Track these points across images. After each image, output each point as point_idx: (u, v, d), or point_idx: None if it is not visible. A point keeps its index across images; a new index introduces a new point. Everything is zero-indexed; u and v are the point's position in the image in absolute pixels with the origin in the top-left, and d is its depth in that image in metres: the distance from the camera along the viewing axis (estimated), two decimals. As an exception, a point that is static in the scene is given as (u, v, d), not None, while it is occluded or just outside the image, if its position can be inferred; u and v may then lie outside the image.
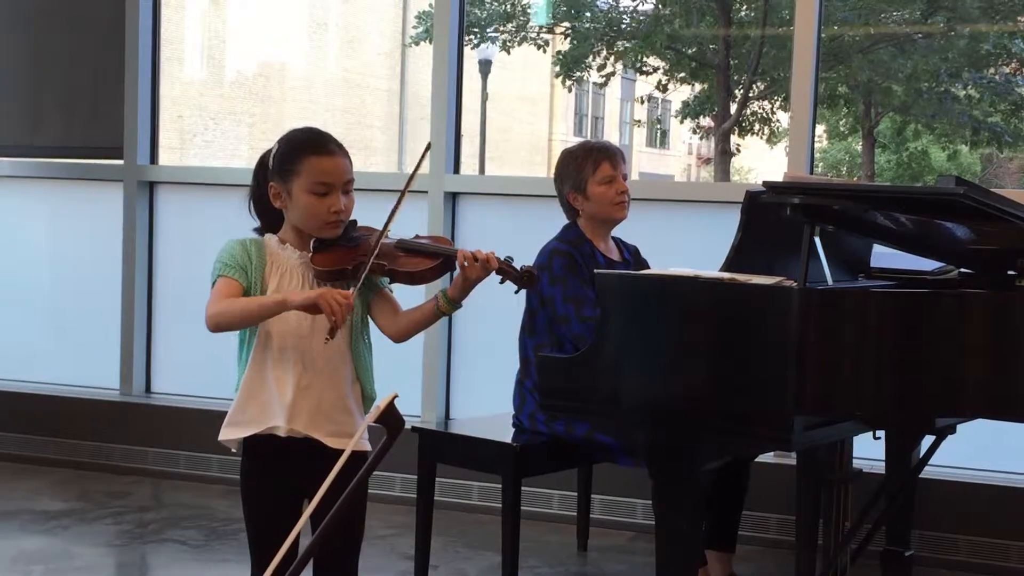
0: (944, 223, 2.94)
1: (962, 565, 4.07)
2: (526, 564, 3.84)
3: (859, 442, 3.40)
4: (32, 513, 4.52)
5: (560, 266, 3.59)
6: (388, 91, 18.78)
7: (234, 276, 2.52)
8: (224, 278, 2.53)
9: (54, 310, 5.52)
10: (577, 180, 3.68)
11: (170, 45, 5.23)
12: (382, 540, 4.19)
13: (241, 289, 2.52)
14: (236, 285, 2.52)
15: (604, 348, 2.96)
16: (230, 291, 2.51)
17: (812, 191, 2.77)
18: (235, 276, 2.52)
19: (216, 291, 2.52)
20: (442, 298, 2.58)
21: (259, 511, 2.61)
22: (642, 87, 18.17)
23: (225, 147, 16.85)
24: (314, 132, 2.62)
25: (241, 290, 2.52)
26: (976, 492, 4.11)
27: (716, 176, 15.96)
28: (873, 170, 15.95)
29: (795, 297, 2.67)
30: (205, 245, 2.90)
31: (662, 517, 2.98)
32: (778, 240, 3.07)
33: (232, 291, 2.51)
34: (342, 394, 2.58)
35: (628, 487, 4.35)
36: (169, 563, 4.06)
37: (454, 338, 4.87)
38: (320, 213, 2.55)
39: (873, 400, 2.71)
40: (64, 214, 5.52)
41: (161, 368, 5.36)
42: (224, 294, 2.51)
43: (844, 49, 14.21)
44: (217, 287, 2.53)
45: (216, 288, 2.53)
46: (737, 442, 2.88)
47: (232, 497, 4.10)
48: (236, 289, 2.52)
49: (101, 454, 5.18)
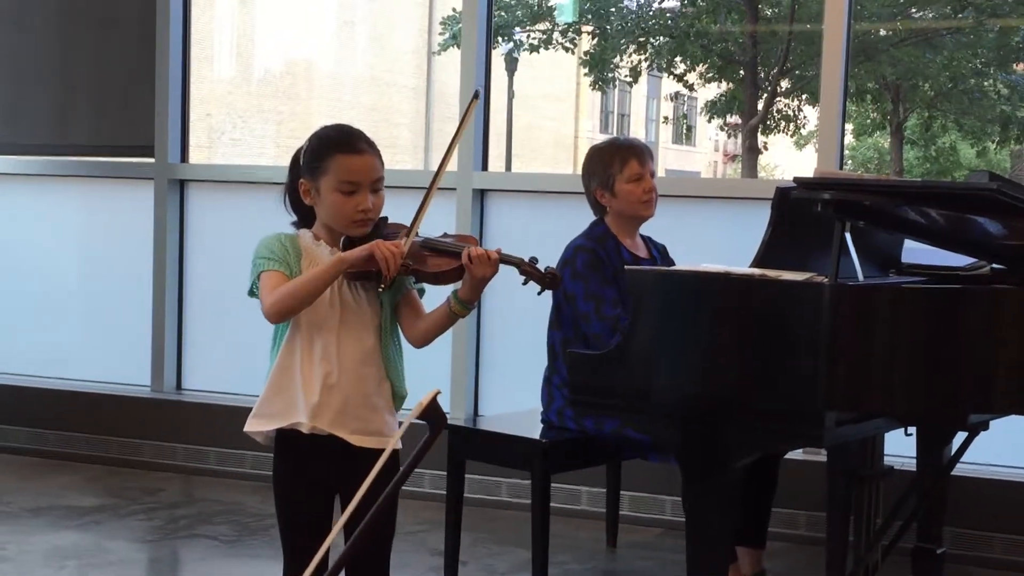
0: (976, 218, 2.92)
1: (996, 563, 4.05)
2: (555, 560, 3.84)
3: (890, 439, 3.39)
4: (65, 509, 4.56)
5: (583, 263, 3.60)
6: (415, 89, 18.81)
7: (278, 268, 2.53)
8: (269, 272, 2.53)
9: (85, 308, 5.56)
10: (605, 177, 3.68)
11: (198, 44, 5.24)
12: (412, 536, 4.20)
13: (287, 280, 2.53)
14: (282, 276, 2.52)
15: (634, 344, 2.96)
16: (279, 282, 2.52)
17: (843, 187, 2.76)
18: (279, 268, 2.53)
19: (266, 285, 2.52)
20: (454, 299, 2.56)
21: (290, 505, 2.62)
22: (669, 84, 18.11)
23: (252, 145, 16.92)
24: (344, 130, 2.62)
25: (287, 281, 2.53)
26: (1010, 489, 4.08)
27: (744, 173, 15.90)
28: (902, 166, 15.86)
29: (826, 293, 2.67)
30: (236, 243, 2.92)
31: (692, 513, 2.98)
32: (808, 236, 3.06)
33: (281, 282, 2.52)
34: (369, 392, 2.58)
35: (657, 483, 4.35)
36: (201, 559, 4.09)
37: (482, 335, 4.88)
38: (347, 211, 2.54)
39: (905, 396, 2.70)
40: (95, 212, 5.55)
41: (192, 365, 5.39)
42: (274, 285, 2.52)
43: (872, 45, 14.13)
44: (265, 281, 2.53)
45: (265, 282, 2.53)
46: (768, 438, 2.88)
47: (263, 493, 4.13)
48: (283, 280, 2.52)
49: (132, 451, 5.22)
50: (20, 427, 5.39)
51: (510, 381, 4.80)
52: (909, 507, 3.52)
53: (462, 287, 2.55)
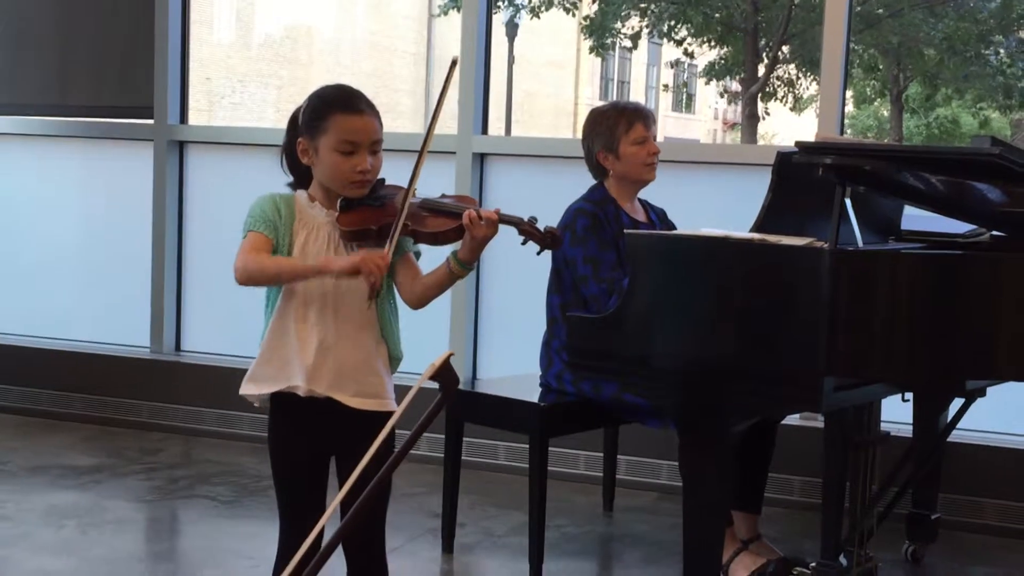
0: (977, 185, 2.92)
1: (988, 528, 4.07)
2: (552, 523, 3.86)
3: (886, 405, 3.40)
4: (63, 468, 4.57)
5: (583, 227, 3.59)
6: (415, 55, 18.75)
7: (264, 231, 2.52)
8: (254, 233, 2.53)
9: (85, 269, 5.56)
10: (609, 139, 3.67)
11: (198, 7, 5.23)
12: (410, 499, 4.22)
13: (270, 244, 2.52)
14: (265, 240, 2.52)
15: (633, 308, 2.96)
16: (260, 245, 2.52)
17: (844, 151, 2.76)
18: (265, 231, 2.52)
19: (247, 244, 2.52)
20: (453, 260, 2.55)
21: (286, 466, 2.62)
22: (669, 51, 18.06)
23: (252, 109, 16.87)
24: (344, 89, 2.60)
25: (270, 245, 2.52)
26: (1004, 456, 4.10)
27: (743, 140, 15.87)
28: (901, 135, 15.84)
29: (826, 258, 2.67)
30: (235, 204, 2.91)
31: (690, 478, 3.00)
32: (809, 201, 3.06)
33: (261, 246, 2.52)
34: (366, 355, 2.57)
35: (654, 448, 4.37)
36: (200, 519, 4.11)
37: (481, 298, 4.88)
38: (345, 172, 2.52)
39: (904, 362, 2.70)
40: (94, 173, 5.54)
41: (191, 326, 5.40)
42: (255, 248, 2.51)
43: (873, 13, 14.08)
44: (247, 240, 2.53)
45: (246, 241, 2.53)
46: (766, 403, 2.89)
47: (261, 454, 4.13)
48: (265, 244, 2.52)
49: (131, 411, 5.23)
50: (19, 387, 5.40)
51: (509, 344, 4.81)
52: (905, 473, 3.53)
53: (461, 248, 2.54)
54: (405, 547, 3.78)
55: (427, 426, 1.91)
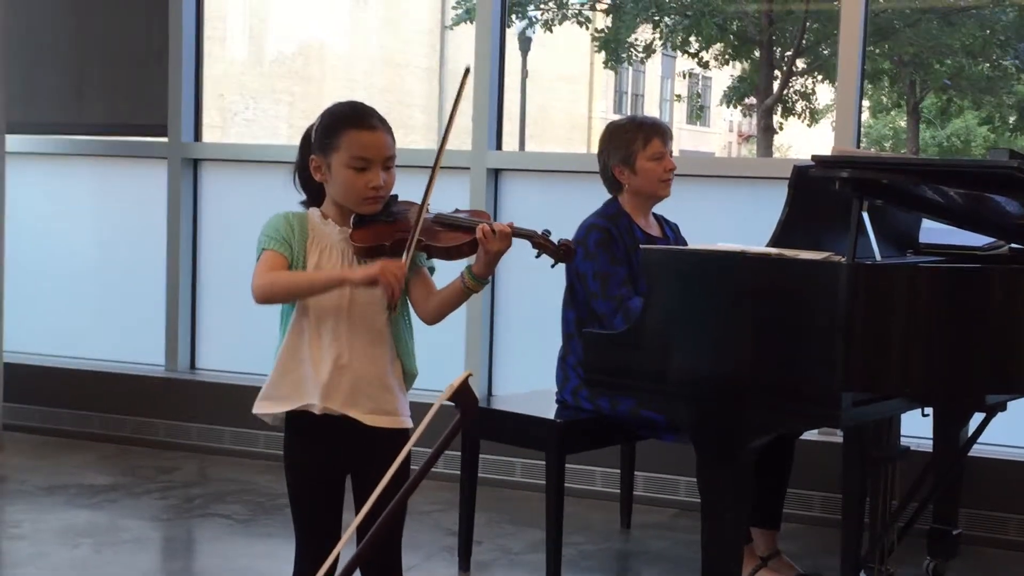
0: (995, 197, 2.89)
1: (1011, 544, 4.03)
2: (570, 541, 3.84)
3: (906, 419, 3.37)
4: (79, 487, 4.57)
5: (595, 242, 3.58)
6: (428, 70, 18.77)
7: (279, 249, 2.52)
8: (269, 251, 2.53)
9: (99, 287, 5.57)
10: (626, 154, 3.66)
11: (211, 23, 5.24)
12: (426, 516, 4.20)
13: (285, 262, 2.52)
14: (281, 258, 2.52)
15: (650, 323, 2.94)
16: (276, 264, 2.51)
17: (861, 165, 2.74)
18: (280, 249, 2.52)
19: (262, 263, 2.52)
20: (467, 275, 2.54)
21: (302, 485, 2.62)
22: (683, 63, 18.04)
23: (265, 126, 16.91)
24: (357, 106, 2.60)
25: (285, 263, 2.52)
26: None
27: (759, 153, 15.84)
28: (918, 146, 15.78)
29: (843, 272, 2.65)
30: (249, 222, 2.90)
31: (707, 494, 2.97)
32: (826, 215, 3.03)
33: (278, 264, 2.51)
34: (381, 372, 2.56)
35: (671, 464, 4.34)
36: (215, 537, 4.10)
37: (496, 314, 4.87)
38: (358, 188, 2.52)
39: (922, 377, 2.68)
40: (109, 191, 5.56)
41: (206, 344, 5.39)
42: (270, 266, 2.51)
43: (889, 23, 14.04)
44: (263, 259, 2.53)
45: (262, 260, 2.53)
46: (784, 419, 2.87)
47: (276, 472, 4.12)
48: (281, 262, 2.52)
49: (146, 430, 5.23)
50: (35, 406, 5.40)
51: (524, 360, 4.79)
52: (925, 488, 3.50)
53: (476, 262, 2.53)
54: (422, 565, 3.76)
55: (444, 448, 1.89)
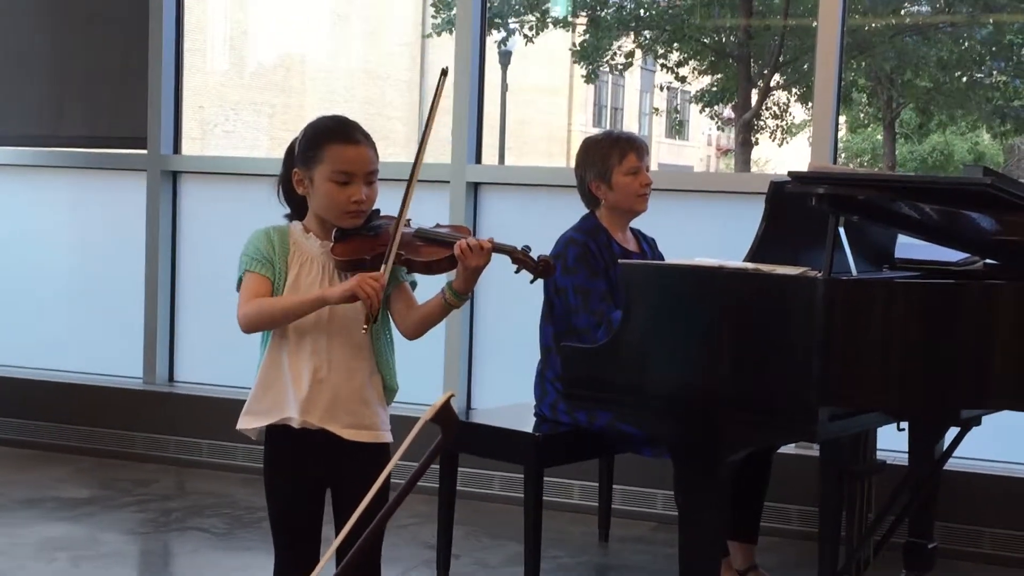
0: (970, 213, 2.92)
1: (986, 557, 4.05)
2: (548, 554, 3.84)
3: (882, 433, 3.39)
4: (56, 501, 4.55)
5: (574, 257, 3.59)
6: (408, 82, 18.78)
7: (261, 271, 2.52)
8: (251, 274, 2.52)
9: (78, 299, 5.55)
10: (602, 169, 3.68)
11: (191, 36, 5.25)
12: (404, 529, 4.20)
13: (269, 284, 2.52)
14: (264, 281, 2.52)
15: (628, 338, 2.95)
16: (259, 288, 2.51)
17: (837, 181, 2.76)
18: (262, 271, 2.52)
19: (245, 289, 2.52)
20: (448, 290, 2.55)
21: (281, 499, 2.62)
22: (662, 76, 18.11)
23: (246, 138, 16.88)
24: (339, 120, 2.60)
25: (269, 285, 2.52)
26: (1001, 484, 4.09)
27: (737, 167, 15.91)
28: (895, 160, 15.88)
29: (820, 287, 2.66)
30: (228, 234, 2.91)
31: (685, 508, 2.98)
32: (802, 231, 3.06)
33: (260, 288, 2.51)
34: (360, 386, 2.57)
35: (649, 478, 4.35)
36: (193, 551, 4.08)
37: (476, 328, 4.87)
38: (340, 202, 2.53)
39: (898, 392, 2.70)
40: (88, 203, 5.54)
41: (184, 357, 5.38)
42: (253, 292, 2.51)
43: (866, 39, 14.13)
44: (245, 284, 2.53)
45: (244, 286, 2.52)
46: (761, 432, 2.88)
47: (255, 485, 4.12)
48: (264, 285, 2.51)
49: (124, 442, 5.21)
50: (12, 419, 5.37)
51: (503, 374, 4.79)
52: (901, 502, 3.52)
53: (456, 278, 2.54)
54: (400, 579, 3.76)
55: (425, 470, 1.90)
